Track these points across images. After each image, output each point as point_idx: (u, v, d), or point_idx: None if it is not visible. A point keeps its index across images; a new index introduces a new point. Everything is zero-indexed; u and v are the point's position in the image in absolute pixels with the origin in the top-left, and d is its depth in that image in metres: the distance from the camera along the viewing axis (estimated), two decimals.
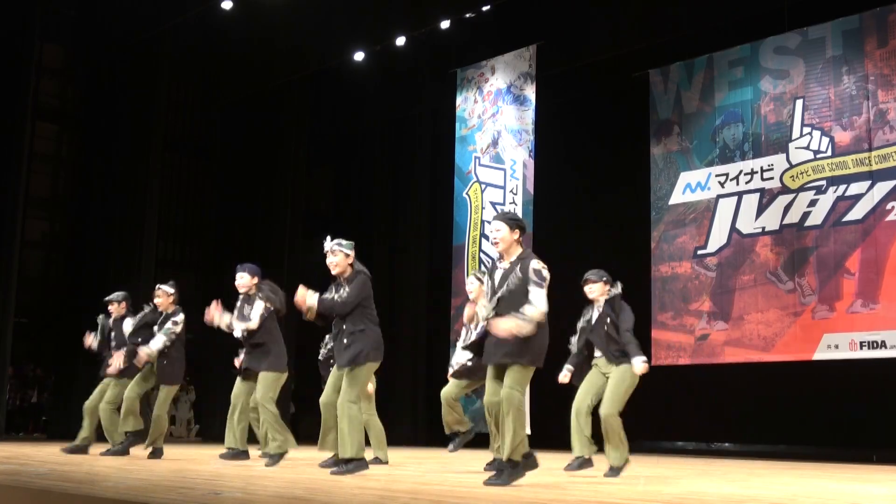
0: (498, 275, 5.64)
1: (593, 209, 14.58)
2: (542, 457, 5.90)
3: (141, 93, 14.44)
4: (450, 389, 7.30)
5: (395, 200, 16.69)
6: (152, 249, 14.53)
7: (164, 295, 8.62)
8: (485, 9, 13.53)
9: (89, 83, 15.10)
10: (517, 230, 5.68)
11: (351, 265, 6.46)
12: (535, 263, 5.55)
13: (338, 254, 6.44)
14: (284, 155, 15.69)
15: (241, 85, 15.82)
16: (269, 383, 7.51)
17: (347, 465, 6.13)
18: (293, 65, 15.13)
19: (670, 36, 13.24)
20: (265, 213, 15.44)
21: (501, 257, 5.73)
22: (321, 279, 6.92)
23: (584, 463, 6.91)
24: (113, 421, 8.70)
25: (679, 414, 13.15)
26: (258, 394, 7.51)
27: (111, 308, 9.08)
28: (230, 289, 8.07)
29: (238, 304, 7.78)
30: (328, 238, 6.53)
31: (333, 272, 6.48)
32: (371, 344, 6.28)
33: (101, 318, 9.27)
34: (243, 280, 7.74)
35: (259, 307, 7.61)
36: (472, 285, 7.34)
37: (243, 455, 8.04)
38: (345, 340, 6.28)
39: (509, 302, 5.49)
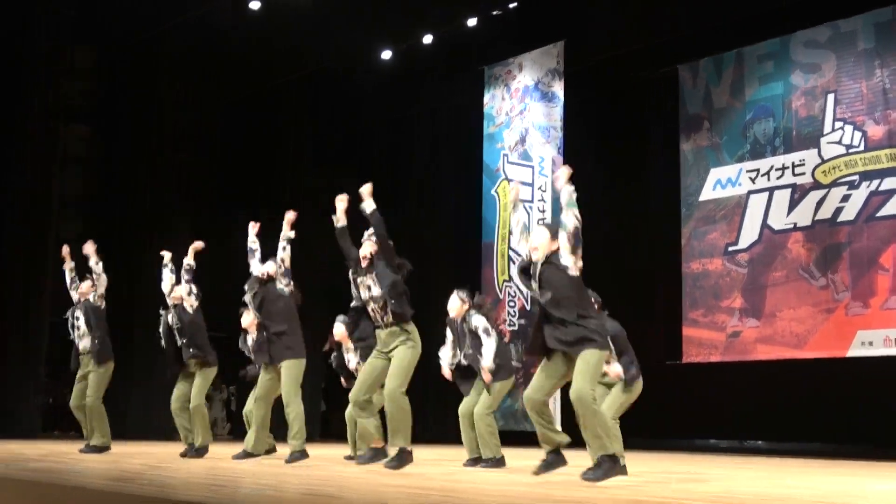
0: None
1: (623, 206, 14.50)
2: (573, 455, 5.88)
3: (162, 93, 14.54)
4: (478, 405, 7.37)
5: (423, 198, 16.68)
6: (182, 248, 14.62)
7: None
8: (512, 6, 13.51)
9: (116, 84, 15.23)
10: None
11: None
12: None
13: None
14: (311, 155, 15.75)
15: (269, 85, 15.89)
16: (296, 373, 7.48)
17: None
18: (319, 64, 15.18)
19: (699, 30, 13.15)
20: (295, 211, 15.49)
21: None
22: (347, 279, 7.01)
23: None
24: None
25: (711, 411, 13.05)
26: (286, 387, 7.45)
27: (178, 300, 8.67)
28: None
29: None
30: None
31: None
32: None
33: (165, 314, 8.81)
34: (269, 267, 7.65)
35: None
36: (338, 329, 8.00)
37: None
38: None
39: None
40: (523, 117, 13.99)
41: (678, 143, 13.50)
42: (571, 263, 5.55)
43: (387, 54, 14.80)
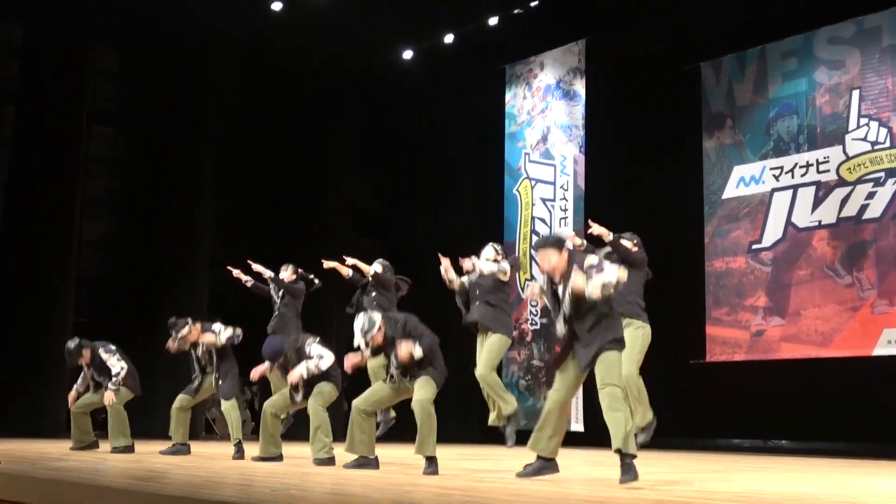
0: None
1: (645, 204, 14.41)
2: (597, 454, 5.86)
3: (191, 95, 14.61)
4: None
5: (445, 198, 16.67)
6: (206, 250, 14.70)
7: None
8: (533, 4, 13.47)
9: (143, 86, 15.31)
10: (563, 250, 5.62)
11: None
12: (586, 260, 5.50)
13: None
14: (334, 155, 15.79)
15: (289, 85, 15.95)
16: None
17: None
18: (341, 64, 15.23)
19: (721, 28, 13.07)
20: (315, 212, 15.54)
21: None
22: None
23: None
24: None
25: (735, 411, 12.96)
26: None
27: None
28: None
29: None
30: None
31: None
32: None
33: None
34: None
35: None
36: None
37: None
38: None
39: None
40: (545, 116, 13.95)
41: (701, 141, 13.42)
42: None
43: (408, 54, 14.80)
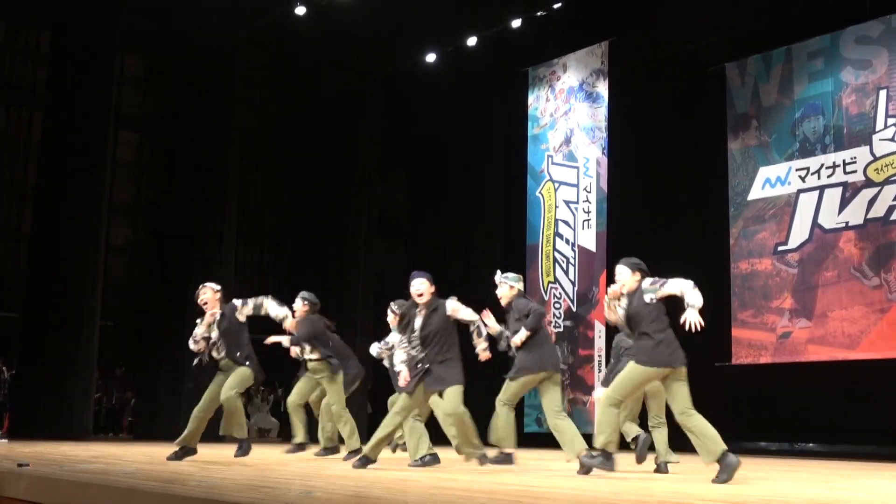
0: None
1: (669, 206, 14.37)
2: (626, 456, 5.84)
3: (217, 99, 14.69)
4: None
5: (468, 200, 16.70)
6: (231, 253, 14.78)
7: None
8: (556, 6, 13.46)
9: (168, 91, 15.44)
10: (638, 272, 6.53)
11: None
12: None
13: (503, 285, 7.18)
14: (359, 158, 15.85)
15: (314, 89, 16.02)
16: (458, 394, 6.96)
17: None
18: (365, 68, 15.29)
19: (746, 28, 12.99)
20: (341, 215, 15.60)
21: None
22: (396, 280, 7.01)
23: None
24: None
25: (761, 413, 12.88)
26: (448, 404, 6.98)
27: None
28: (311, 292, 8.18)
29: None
30: (497, 272, 7.32)
31: (503, 303, 7.23)
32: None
33: None
34: (422, 287, 6.91)
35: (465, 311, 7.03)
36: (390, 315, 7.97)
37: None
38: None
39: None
40: (568, 118, 13.92)
41: (726, 142, 13.34)
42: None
43: (431, 57, 14.84)
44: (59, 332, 12.99)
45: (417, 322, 6.79)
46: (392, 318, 8.04)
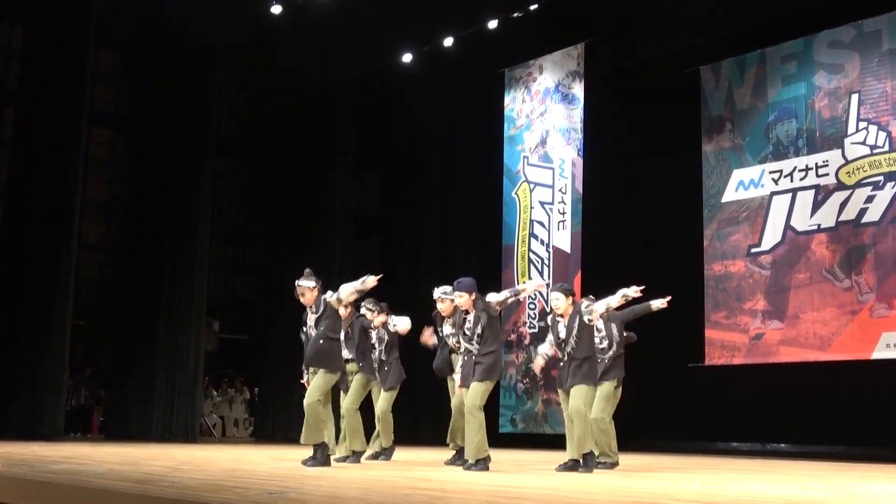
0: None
1: (644, 207, 14.43)
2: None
3: (192, 97, 14.59)
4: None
5: (444, 201, 16.68)
6: (206, 252, 14.68)
7: None
8: (532, 8, 13.48)
9: (142, 88, 15.31)
10: (570, 297, 7.40)
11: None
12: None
13: (445, 301, 7.55)
14: (333, 158, 15.78)
15: (290, 88, 15.95)
16: (482, 391, 7.18)
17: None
18: (341, 67, 15.24)
19: (721, 31, 13.07)
20: (315, 215, 15.54)
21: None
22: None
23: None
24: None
25: (733, 414, 12.97)
26: (469, 400, 7.17)
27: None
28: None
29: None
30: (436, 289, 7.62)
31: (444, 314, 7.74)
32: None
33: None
34: (462, 300, 7.20)
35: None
36: (557, 301, 7.71)
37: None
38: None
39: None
40: (544, 119, 13.96)
41: (700, 145, 13.43)
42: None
43: (407, 57, 14.82)
44: (30, 331, 12.84)
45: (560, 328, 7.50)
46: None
